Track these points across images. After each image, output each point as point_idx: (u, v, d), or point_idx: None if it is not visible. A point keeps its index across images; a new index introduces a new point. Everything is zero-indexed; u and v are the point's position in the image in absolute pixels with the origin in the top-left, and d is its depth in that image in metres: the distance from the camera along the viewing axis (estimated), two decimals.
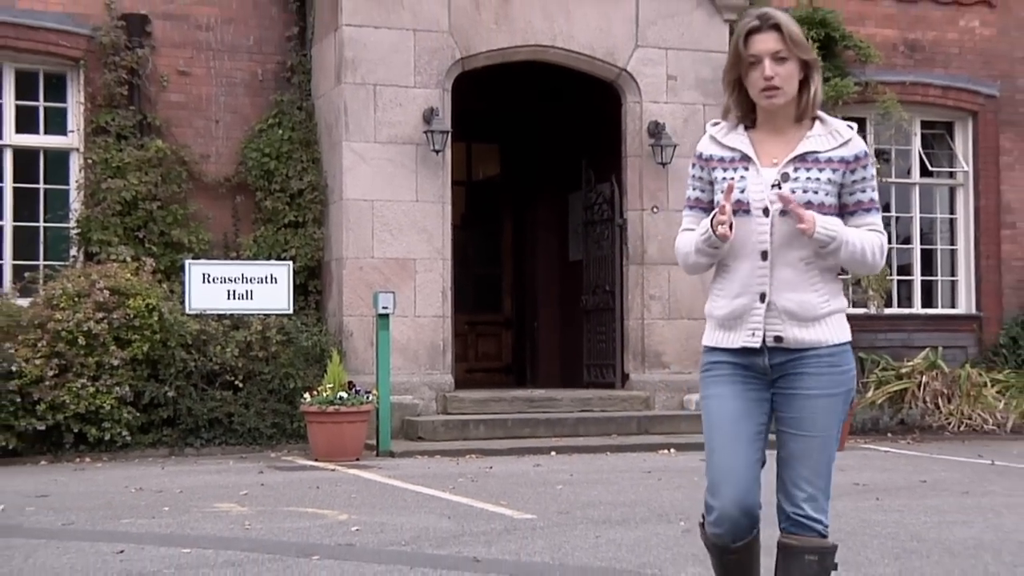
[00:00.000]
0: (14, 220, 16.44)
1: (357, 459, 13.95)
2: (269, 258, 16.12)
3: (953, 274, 20.84)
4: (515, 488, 11.70)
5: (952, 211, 20.92)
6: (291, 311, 15.55)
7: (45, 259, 16.36)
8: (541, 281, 20.66)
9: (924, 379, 18.11)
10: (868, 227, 4.78)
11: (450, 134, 16.35)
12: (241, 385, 15.10)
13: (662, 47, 17.26)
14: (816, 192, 4.68)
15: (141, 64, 16.49)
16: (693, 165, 4.94)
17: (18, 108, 16.60)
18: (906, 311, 20.27)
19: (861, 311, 19.21)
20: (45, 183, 16.64)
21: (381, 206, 16.04)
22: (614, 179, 17.63)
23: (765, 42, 4.67)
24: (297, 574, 7.58)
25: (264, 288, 15.34)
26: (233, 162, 16.89)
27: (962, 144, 20.85)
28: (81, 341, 14.07)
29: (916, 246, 20.57)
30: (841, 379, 4.77)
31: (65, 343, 14.06)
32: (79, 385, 14.01)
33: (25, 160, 16.59)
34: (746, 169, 4.73)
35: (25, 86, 16.66)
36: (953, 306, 20.75)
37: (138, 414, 14.52)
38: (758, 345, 4.72)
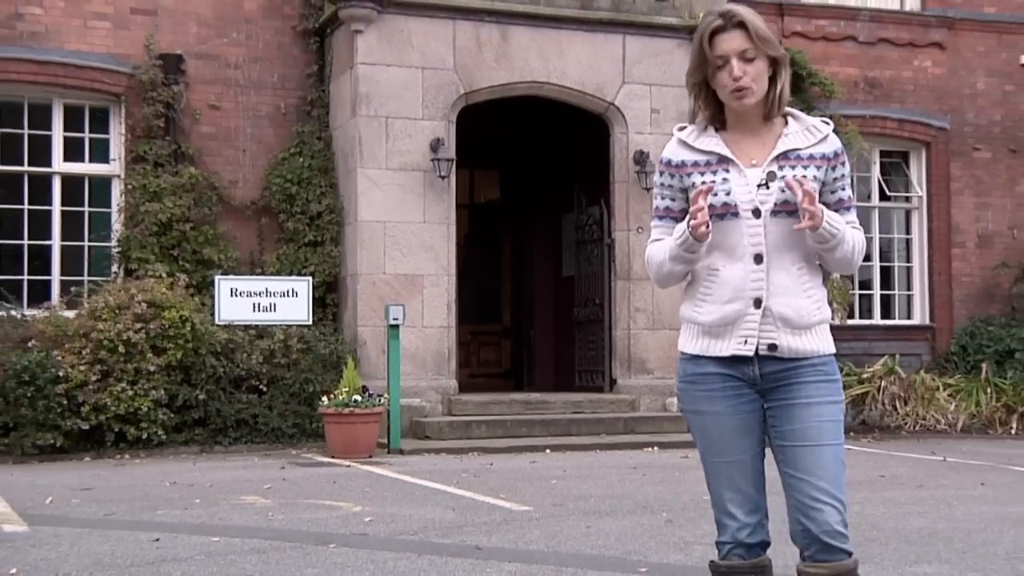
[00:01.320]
0: (62, 240, 16.44)
1: (370, 456, 13.93)
2: (291, 274, 16.10)
3: (909, 289, 20.88)
4: (513, 483, 11.66)
5: (908, 232, 20.98)
6: (310, 322, 15.53)
7: (89, 275, 16.33)
8: (537, 295, 20.64)
9: (883, 384, 18.21)
10: (850, 225, 4.23)
11: (455, 162, 16.34)
12: (265, 389, 15.11)
13: (646, 83, 17.26)
14: (813, 183, 4.13)
15: (176, 99, 16.49)
16: (661, 173, 4.34)
17: (66, 139, 16.59)
18: (867, 322, 20.32)
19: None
20: (90, 207, 16.62)
21: (392, 227, 16.03)
22: (603, 202, 17.61)
23: (731, 41, 4.12)
24: (315, 561, 7.56)
25: (286, 301, 15.32)
26: (258, 187, 16.88)
27: (916, 171, 20.91)
28: (121, 349, 14.07)
29: (876, 263, 20.58)
30: (836, 387, 4.20)
31: (107, 351, 14.06)
32: (119, 389, 14.02)
33: (72, 186, 16.59)
34: (727, 171, 4.16)
35: (72, 119, 16.65)
36: (909, 318, 20.80)
37: (172, 415, 14.51)
38: (751, 353, 4.12)
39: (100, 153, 16.75)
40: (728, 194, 4.11)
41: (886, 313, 20.76)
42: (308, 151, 16.92)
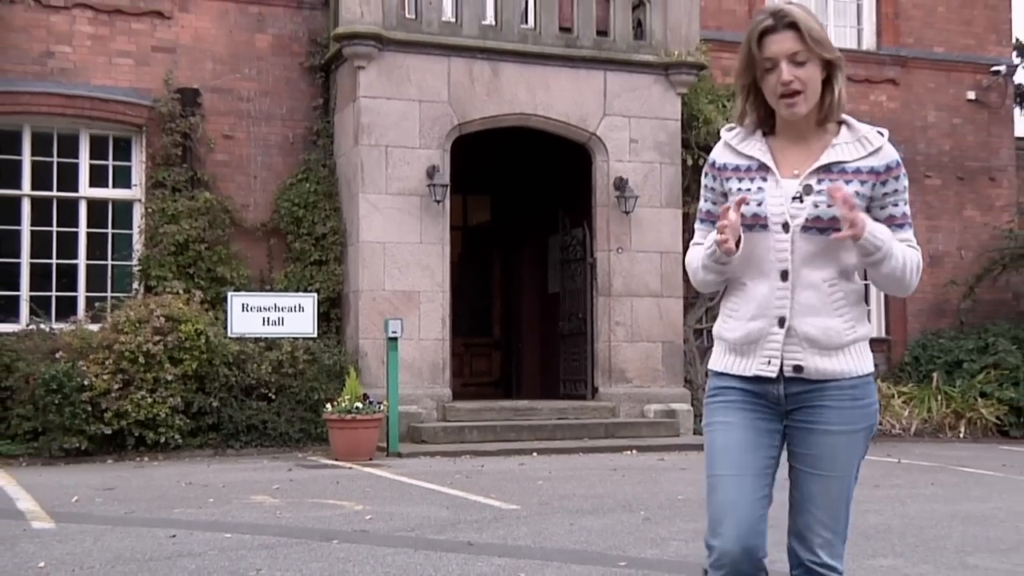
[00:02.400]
0: (87, 259, 16.44)
1: (370, 459, 13.90)
2: (297, 291, 16.09)
3: (867, 304, 20.85)
4: (503, 483, 11.66)
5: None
6: (315, 335, 15.51)
7: (112, 292, 16.33)
8: (525, 310, 20.63)
9: None
10: (904, 243, 3.70)
11: (449, 187, 16.33)
12: (274, 397, 15.10)
13: (626, 115, 17.27)
14: (853, 198, 3.55)
15: (193, 129, 16.51)
16: (705, 175, 3.90)
17: (92, 166, 16.61)
18: None
19: None
20: (113, 229, 16.61)
21: (391, 247, 16.02)
22: (586, 225, 17.61)
23: (781, 43, 3.59)
24: (320, 556, 7.55)
25: (293, 316, 15.32)
26: (268, 210, 16.88)
27: None
28: (141, 360, 14.08)
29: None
30: (864, 413, 3.70)
31: (128, 361, 14.06)
32: (139, 396, 14.02)
33: (97, 210, 16.59)
34: (764, 180, 3.68)
35: (98, 148, 16.66)
36: None
37: (188, 421, 14.50)
38: (774, 375, 3.66)
39: (123, 179, 16.75)
40: (760, 204, 3.64)
41: None
42: (314, 177, 16.92)
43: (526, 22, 17.12)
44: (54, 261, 16.29)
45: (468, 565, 7.22)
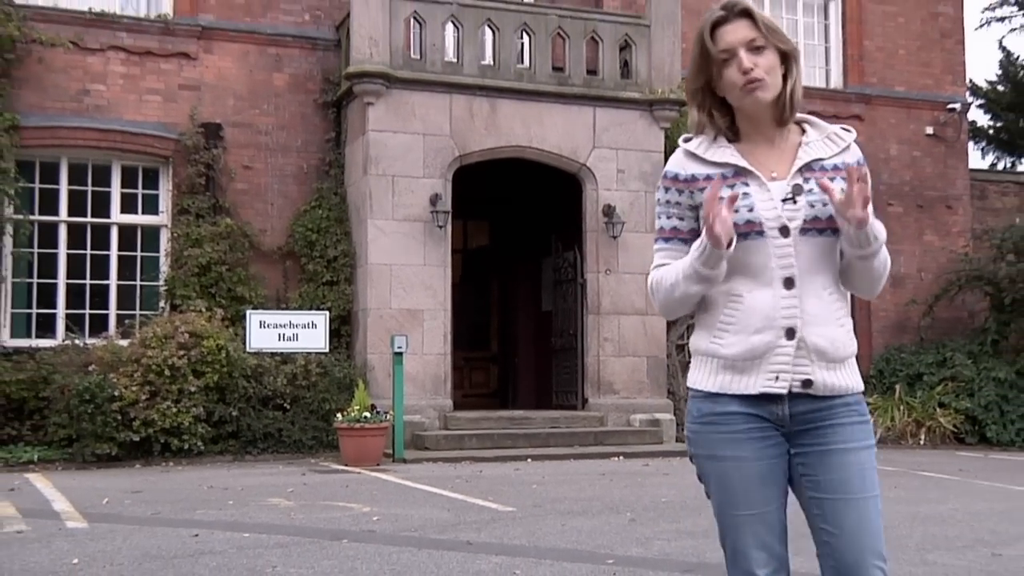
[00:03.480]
0: (118, 280, 16.44)
1: (378, 464, 13.89)
2: (311, 309, 16.07)
3: None
4: (500, 487, 11.65)
5: None
6: (327, 350, 15.49)
7: (141, 310, 16.34)
8: (520, 327, 20.63)
9: None
10: None
11: (450, 214, 16.35)
12: (288, 407, 15.09)
13: (613, 148, 17.30)
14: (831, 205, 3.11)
15: (215, 161, 16.54)
16: (666, 190, 3.28)
17: (122, 195, 16.64)
18: None
19: None
20: (142, 252, 16.63)
21: (397, 269, 16.03)
22: (577, 248, 17.61)
23: (736, 32, 3.16)
24: (331, 554, 7.54)
25: (307, 332, 15.30)
26: (284, 235, 16.89)
27: None
28: (167, 373, 14.07)
29: None
30: (868, 430, 3.21)
31: (155, 374, 14.05)
32: (165, 406, 14.01)
33: (127, 234, 16.61)
34: (746, 185, 3.16)
35: (128, 178, 16.69)
36: None
37: (210, 429, 14.48)
38: (784, 391, 3.10)
39: (151, 207, 16.76)
40: (751, 210, 3.12)
41: None
42: (326, 204, 16.94)
43: (522, 62, 17.16)
44: (88, 282, 16.29)
45: (468, 563, 7.21)
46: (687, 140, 3.31)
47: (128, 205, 16.67)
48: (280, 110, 17.20)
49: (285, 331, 15.20)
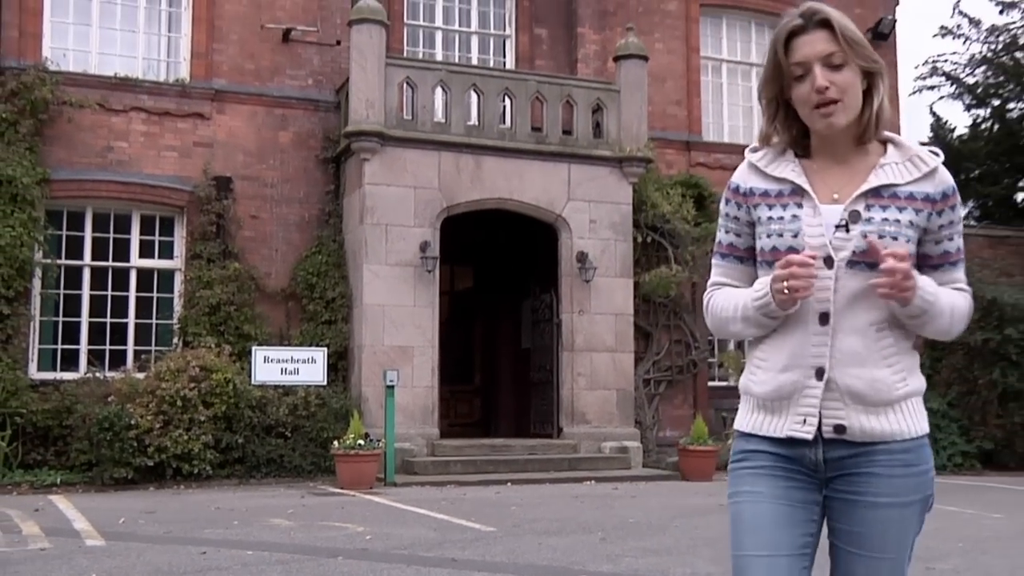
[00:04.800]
0: (136, 319, 16.39)
1: (371, 488, 13.83)
2: (311, 345, 16.05)
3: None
4: (482, 508, 11.63)
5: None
6: (325, 383, 15.46)
7: (156, 346, 16.27)
8: (501, 362, 20.61)
9: None
10: (954, 285, 2.73)
11: (438, 259, 16.36)
12: (289, 435, 15.02)
13: (586, 200, 17.36)
14: (895, 238, 2.60)
15: (226, 210, 16.55)
16: (727, 202, 2.83)
17: (141, 241, 16.60)
18: None
19: (723, 383, 19.29)
20: (157, 293, 16.58)
21: (390, 309, 16.02)
22: (553, 291, 17.63)
23: (813, 44, 2.64)
24: (328, 571, 7.52)
25: (307, 366, 15.28)
26: (287, 278, 16.88)
27: None
28: (179, 403, 14.04)
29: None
30: (918, 482, 2.68)
31: (168, 404, 14.02)
32: (177, 434, 13.96)
33: (145, 277, 16.56)
34: (799, 207, 2.68)
35: (146, 225, 16.67)
36: None
37: (217, 455, 14.42)
38: (810, 436, 2.64)
39: (167, 252, 16.74)
40: (795, 236, 2.65)
41: None
42: (326, 251, 16.94)
43: (504, 123, 17.24)
44: (108, 320, 16.24)
45: None
46: (754, 150, 2.84)
47: (146, 250, 16.64)
48: (285, 165, 17.22)
49: (287, 365, 15.18)
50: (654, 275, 17.74)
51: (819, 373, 2.63)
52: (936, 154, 2.72)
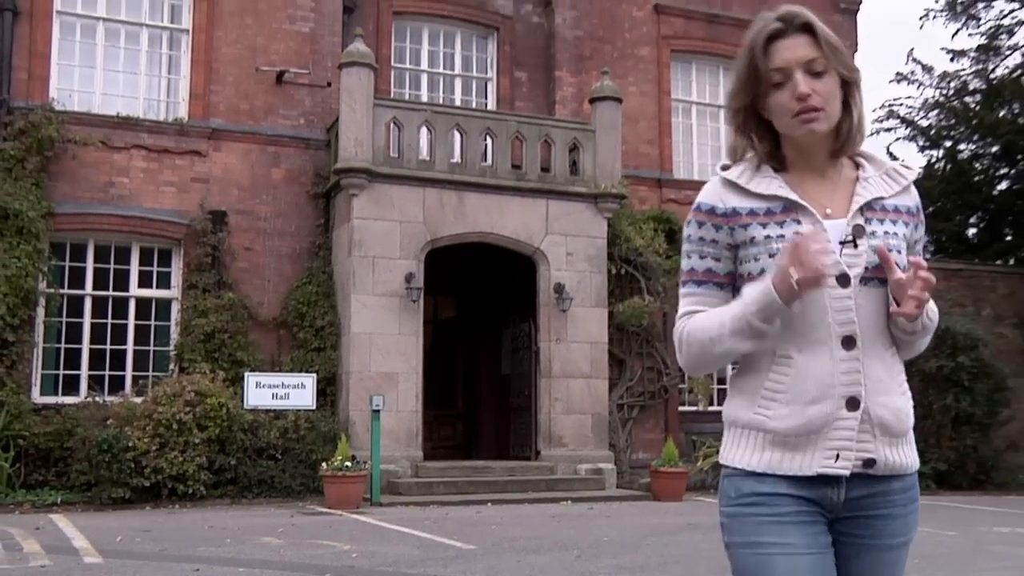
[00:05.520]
0: (134, 345, 16.35)
1: (357, 507, 13.81)
2: (300, 371, 16.03)
3: None
4: (463, 527, 11.62)
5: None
6: (314, 407, 15.42)
7: (153, 371, 16.22)
8: (482, 388, 20.61)
9: None
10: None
11: (423, 290, 16.40)
12: (280, 457, 15.00)
13: (563, 234, 17.44)
14: (899, 252, 2.37)
15: (221, 243, 16.55)
16: (700, 225, 2.44)
17: (140, 272, 16.59)
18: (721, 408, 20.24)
19: (693, 408, 19.35)
20: (155, 321, 16.54)
21: (376, 337, 16.03)
22: (531, 320, 17.68)
23: (794, 49, 2.35)
24: None
25: (297, 391, 15.25)
26: (279, 307, 16.86)
27: None
28: (175, 426, 14.00)
29: (728, 363, 20.58)
30: (917, 518, 2.46)
31: (164, 427, 13.98)
32: (172, 456, 13.93)
33: (143, 306, 16.54)
34: (798, 223, 2.35)
35: (145, 257, 16.65)
36: None
37: (211, 476, 14.38)
38: (847, 472, 2.31)
39: (164, 282, 16.72)
40: None
41: None
42: (315, 281, 16.95)
43: (485, 160, 17.33)
44: (108, 347, 16.19)
45: None
46: (725, 168, 2.50)
47: (145, 281, 16.62)
48: (277, 200, 17.25)
49: (278, 391, 15.15)
50: (627, 305, 17.82)
51: (852, 403, 2.29)
52: (909, 168, 2.51)
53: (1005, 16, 28.17)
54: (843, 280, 2.31)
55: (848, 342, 2.30)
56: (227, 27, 17.33)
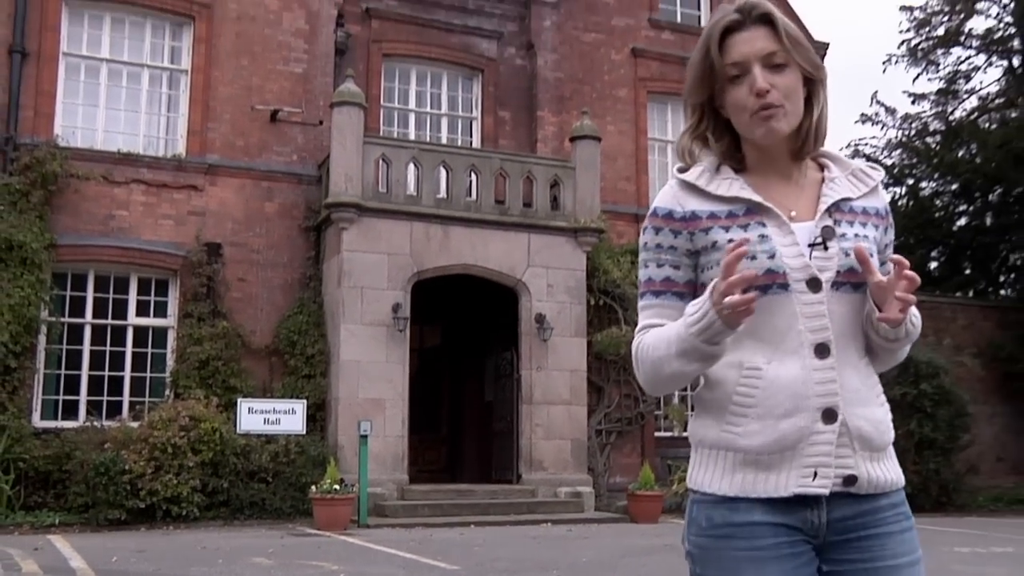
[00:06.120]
0: (131, 372, 16.32)
1: (345, 529, 13.79)
2: (291, 398, 16.01)
3: None
4: (448, 549, 11.62)
5: None
6: (304, 432, 15.40)
7: (149, 397, 16.18)
8: (466, 413, 20.60)
9: None
10: None
11: (409, 319, 16.44)
12: (271, 480, 14.97)
13: (544, 266, 17.51)
14: (872, 255, 2.09)
15: (215, 274, 16.59)
16: (656, 231, 2.16)
17: (138, 301, 16.59)
18: None
19: (668, 434, 19.39)
20: (152, 348, 16.53)
21: (364, 365, 16.05)
22: (514, 349, 17.73)
23: (752, 42, 2.10)
24: None
25: (288, 417, 15.24)
26: (271, 336, 16.87)
27: None
28: (169, 450, 13.98)
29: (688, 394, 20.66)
30: (915, 535, 2.14)
31: (159, 451, 13.95)
32: (167, 479, 13.90)
33: (140, 334, 16.53)
34: (763, 225, 2.09)
35: (143, 287, 16.66)
36: None
37: (204, 498, 14.35)
38: (827, 491, 2.03)
39: (161, 311, 16.72)
40: (772, 257, 2.06)
41: None
42: (306, 311, 16.97)
43: (470, 196, 17.42)
44: (106, 373, 16.16)
45: None
46: (682, 170, 2.22)
47: (142, 310, 16.63)
48: (270, 233, 17.30)
49: (269, 416, 15.15)
50: (606, 335, 17.88)
51: (828, 415, 2.02)
52: (875, 168, 2.25)
53: (962, 62, 28.61)
54: (814, 284, 2.06)
55: (821, 350, 2.04)
56: (224, 68, 17.43)
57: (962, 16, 27.90)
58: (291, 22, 18.04)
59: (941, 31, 28.44)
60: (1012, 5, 26.97)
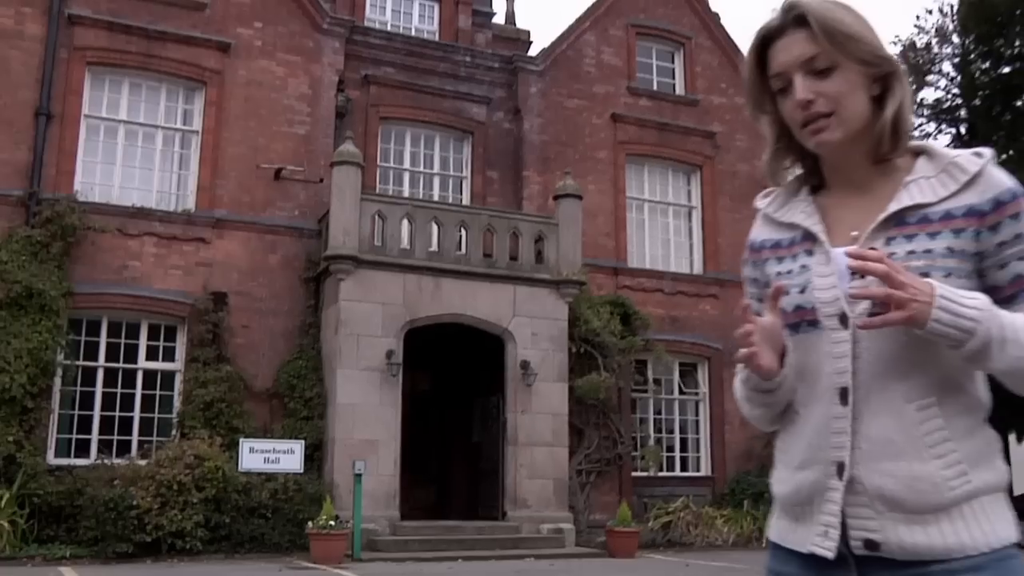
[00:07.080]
0: (141, 413, 16.39)
1: (340, 563, 13.82)
2: (291, 438, 16.05)
3: (698, 451, 20.94)
4: None
5: (697, 415, 21.11)
6: (302, 471, 15.46)
7: (157, 436, 16.23)
8: (455, 454, 20.58)
9: (682, 514, 18.30)
10: None
11: (401, 365, 16.54)
12: (270, 516, 14.99)
13: (528, 316, 17.63)
14: (926, 275, 1.68)
15: (221, 321, 16.70)
16: (744, 263, 2.00)
17: (148, 346, 16.70)
18: (672, 474, 20.32)
19: (644, 474, 19.45)
20: (160, 391, 16.61)
21: (359, 407, 16.12)
22: (500, 393, 17.79)
23: (789, 49, 1.80)
24: None
25: (287, 456, 15.29)
26: (271, 380, 16.95)
27: (702, 375, 21.10)
28: (175, 487, 14.04)
29: (676, 434, 20.80)
30: None
31: (166, 488, 14.01)
32: (172, 514, 13.94)
33: (150, 377, 16.61)
34: (808, 254, 1.82)
35: (153, 333, 16.76)
36: (698, 471, 20.80)
37: (207, 533, 14.38)
38: (831, 555, 1.71)
39: (169, 356, 16.81)
40: (802, 291, 1.80)
41: (684, 467, 20.78)
42: (305, 356, 17.07)
43: (460, 250, 17.58)
44: (117, 414, 16.23)
45: None
46: (765, 196, 1.99)
47: (152, 354, 16.72)
48: (272, 283, 17.44)
49: (269, 455, 15.20)
50: (586, 380, 18.01)
51: (840, 469, 1.73)
52: (979, 155, 1.77)
53: (915, 129, 28.98)
54: (841, 320, 1.75)
55: (844, 395, 1.73)
56: (232, 129, 17.68)
57: (914, 88, 28.42)
58: (295, 87, 18.33)
59: None
60: (959, 78, 27.58)
